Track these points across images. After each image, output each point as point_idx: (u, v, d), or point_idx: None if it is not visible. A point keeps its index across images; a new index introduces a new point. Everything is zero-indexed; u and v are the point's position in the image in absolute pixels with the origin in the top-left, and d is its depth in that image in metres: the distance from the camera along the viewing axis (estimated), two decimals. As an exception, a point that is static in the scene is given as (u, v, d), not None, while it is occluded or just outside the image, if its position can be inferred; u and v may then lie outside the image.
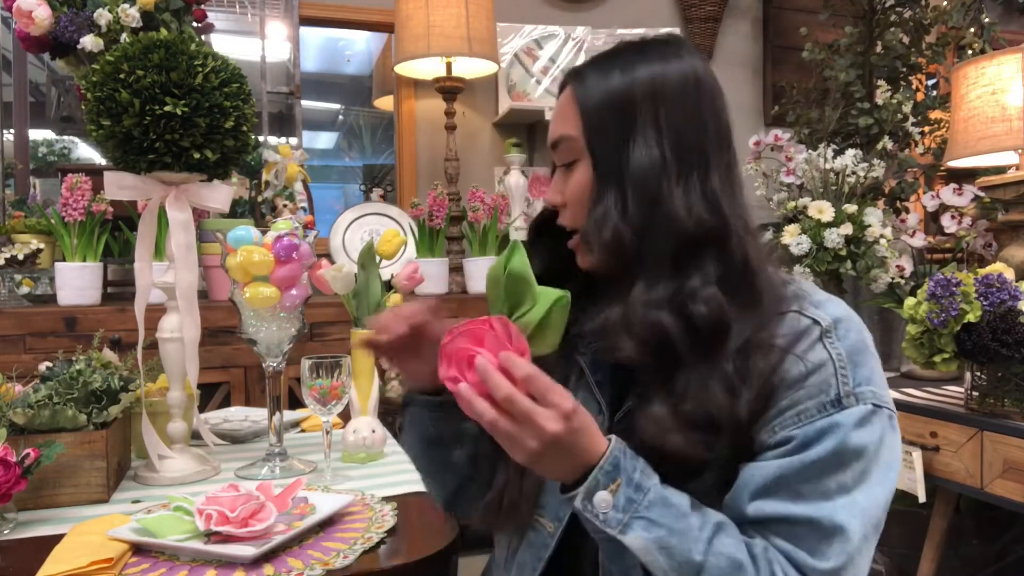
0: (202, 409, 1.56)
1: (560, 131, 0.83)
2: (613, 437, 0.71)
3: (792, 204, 2.29)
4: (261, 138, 2.55)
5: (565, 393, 0.67)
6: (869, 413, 0.72)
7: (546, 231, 0.88)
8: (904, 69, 2.69)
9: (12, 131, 2.48)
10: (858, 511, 0.70)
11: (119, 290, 2.20)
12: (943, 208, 2.41)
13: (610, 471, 0.69)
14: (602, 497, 0.68)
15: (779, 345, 0.73)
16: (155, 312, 1.23)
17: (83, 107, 1.17)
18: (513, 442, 0.67)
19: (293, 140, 2.69)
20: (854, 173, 2.28)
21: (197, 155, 1.15)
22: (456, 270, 2.49)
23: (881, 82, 2.64)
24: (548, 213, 0.87)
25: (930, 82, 3.10)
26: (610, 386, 0.84)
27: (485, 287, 0.80)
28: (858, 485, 0.70)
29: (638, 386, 0.78)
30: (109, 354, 1.32)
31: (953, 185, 2.38)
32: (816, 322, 0.75)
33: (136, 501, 1.10)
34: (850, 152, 2.32)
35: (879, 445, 0.72)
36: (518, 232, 2.53)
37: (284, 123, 2.76)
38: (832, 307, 0.78)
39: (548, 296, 0.76)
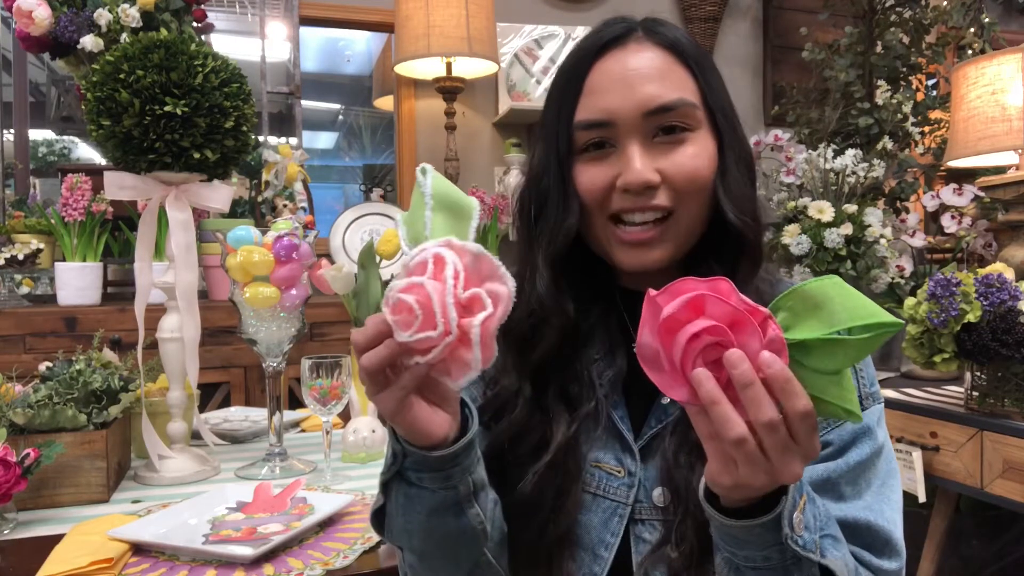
0: (202, 409, 1.56)
1: (675, 95, 0.71)
2: None
3: (792, 204, 2.28)
4: (261, 138, 2.55)
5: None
6: (881, 411, 0.73)
7: (573, 258, 0.76)
8: (904, 69, 2.69)
9: (12, 131, 2.49)
10: (896, 505, 0.70)
11: (119, 290, 2.20)
12: (943, 208, 2.41)
13: (799, 484, 0.56)
14: (798, 519, 0.56)
15: None
16: (155, 312, 1.23)
17: (83, 107, 1.17)
18: (733, 467, 0.51)
19: (293, 140, 2.69)
20: (854, 173, 2.28)
21: (197, 155, 1.15)
22: (456, 270, 2.49)
23: (881, 82, 2.64)
24: (568, 234, 0.74)
25: (930, 82, 3.10)
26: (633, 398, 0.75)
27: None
28: (887, 480, 0.71)
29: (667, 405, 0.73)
30: (109, 354, 1.32)
31: (953, 185, 2.37)
32: None
33: (136, 501, 1.10)
34: (850, 152, 2.32)
35: (886, 437, 0.73)
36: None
37: (284, 123, 2.77)
38: None
39: (856, 313, 0.48)
